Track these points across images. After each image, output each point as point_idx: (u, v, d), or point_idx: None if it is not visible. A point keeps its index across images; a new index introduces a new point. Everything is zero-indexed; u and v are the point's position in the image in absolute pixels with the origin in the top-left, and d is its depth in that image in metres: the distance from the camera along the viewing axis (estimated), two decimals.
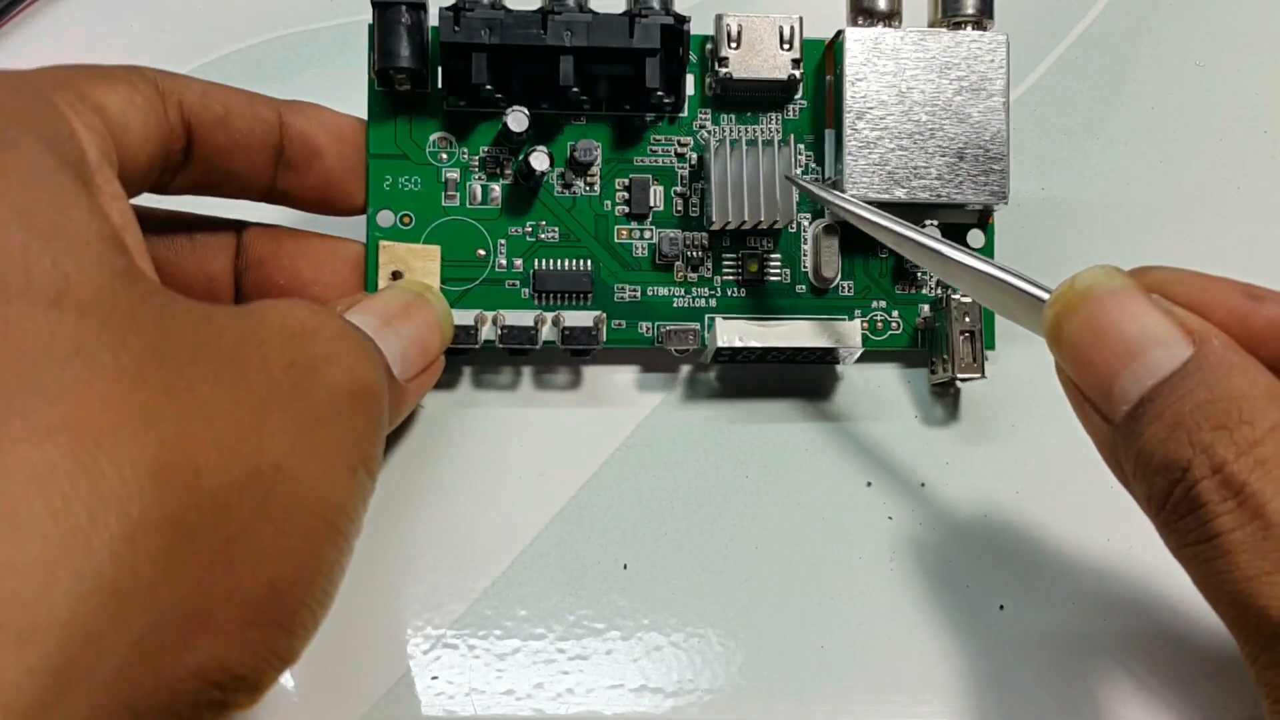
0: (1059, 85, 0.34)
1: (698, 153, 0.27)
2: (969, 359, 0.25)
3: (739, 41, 0.26)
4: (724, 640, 0.23)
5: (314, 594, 0.17)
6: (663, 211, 0.26)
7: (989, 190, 0.26)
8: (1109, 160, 0.32)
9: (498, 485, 0.25)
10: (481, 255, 0.26)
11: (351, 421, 0.18)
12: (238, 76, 0.32)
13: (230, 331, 0.17)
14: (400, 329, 0.22)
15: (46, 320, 0.14)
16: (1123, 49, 0.35)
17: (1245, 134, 0.33)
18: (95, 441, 0.14)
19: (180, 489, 0.15)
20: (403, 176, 0.26)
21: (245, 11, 0.33)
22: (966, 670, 0.23)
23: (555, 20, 0.25)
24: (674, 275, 0.26)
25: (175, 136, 0.21)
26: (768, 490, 0.25)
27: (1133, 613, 0.24)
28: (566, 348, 0.25)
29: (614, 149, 0.27)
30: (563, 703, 0.22)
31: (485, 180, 0.26)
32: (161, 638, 0.15)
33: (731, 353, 0.25)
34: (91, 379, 0.14)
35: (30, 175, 0.16)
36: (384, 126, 0.26)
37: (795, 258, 0.27)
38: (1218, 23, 0.36)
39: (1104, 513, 0.25)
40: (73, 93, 0.19)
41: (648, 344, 0.26)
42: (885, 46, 0.26)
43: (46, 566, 0.13)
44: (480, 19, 0.24)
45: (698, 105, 0.27)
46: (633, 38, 0.25)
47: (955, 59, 0.26)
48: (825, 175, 0.27)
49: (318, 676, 0.22)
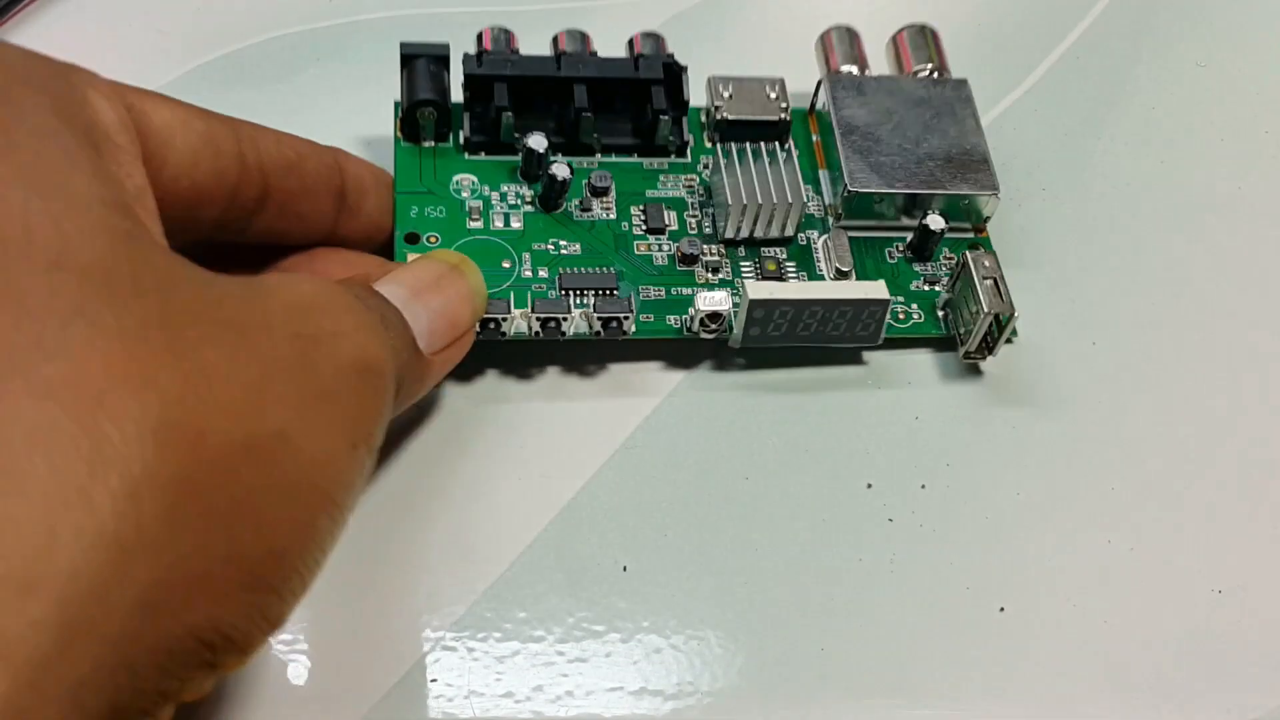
0: (1059, 85, 0.34)
1: (704, 186, 0.28)
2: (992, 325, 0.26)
3: (731, 93, 0.29)
4: (724, 642, 0.23)
5: (307, 562, 0.17)
6: (677, 230, 0.28)
7: (979, 184, 0.28)
8: (1109, 160, 0.32)
9: (497, 487, 0.25)
10: (507, 266, 0.26)
11: (356, 397, 0.18)
12: (238, 76, 0.32)
13: (236, 299, 0.17)
14: (430, 301, 0.22)
15: (48, 280, 0.14)
16: (1123, 49, 0.35)
17: (1246, 134, 0.33)
18: (96, 400, 0.14)
19: (183, 449, 0.15)
20: (428, 206, 0.27)
21: (244, 11, 0.33)
22: (967, 672, 0.23)
23: (567, 58, 0.28)
24: (695, 278, 0.27)
25: (251, 181, 0.22)
26: (768, 492, 0.25)
27: (1133, 614, 0.24)
28: (599, 315, 0.25)
29: (626, 188, 0.28)
30: (562, 705, 0.22)
31: (507, 210, 0.27)
32: (163, 595, 0.15)
33: (761, 330, 0.25)
34: (93, 338, 0.14)
35: (33, 134, 0.16)
36: (409, 172, 0.28)
37: (810, 264, 0.28)
38: (1218, 23, 0.35)
39: (1105, 514, 0.25)
40: (103, 83, 0.19)
41: (676, 334, 0.26)
42: (863, 85, 0.29)
43: (47, 521, 0.13)
44: (500, 58, 0.28)
45: (700, 151, 0.29)
46: (638, 71, 0.28)
47: (926, 97, 0.29)
48: (825, 203, 0.29)
49: (317, 678, 0.22)
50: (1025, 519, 0.25)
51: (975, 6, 0.35)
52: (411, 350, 0.21)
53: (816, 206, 0.29)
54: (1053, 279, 0.29)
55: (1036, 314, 0.28)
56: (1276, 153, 0.32)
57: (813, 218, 0.28)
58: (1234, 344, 0.28)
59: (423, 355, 0.22)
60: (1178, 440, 0.27)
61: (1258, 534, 0.25)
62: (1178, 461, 0.26)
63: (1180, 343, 0.28)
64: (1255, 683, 0.23)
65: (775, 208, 0.27)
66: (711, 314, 0.26)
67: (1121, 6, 0.35)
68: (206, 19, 0.33)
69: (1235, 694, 0.23)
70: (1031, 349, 0.28)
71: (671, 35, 0.30)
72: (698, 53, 0.30)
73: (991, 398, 0.27)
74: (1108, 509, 0.25)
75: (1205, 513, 0.26)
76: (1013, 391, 0.27)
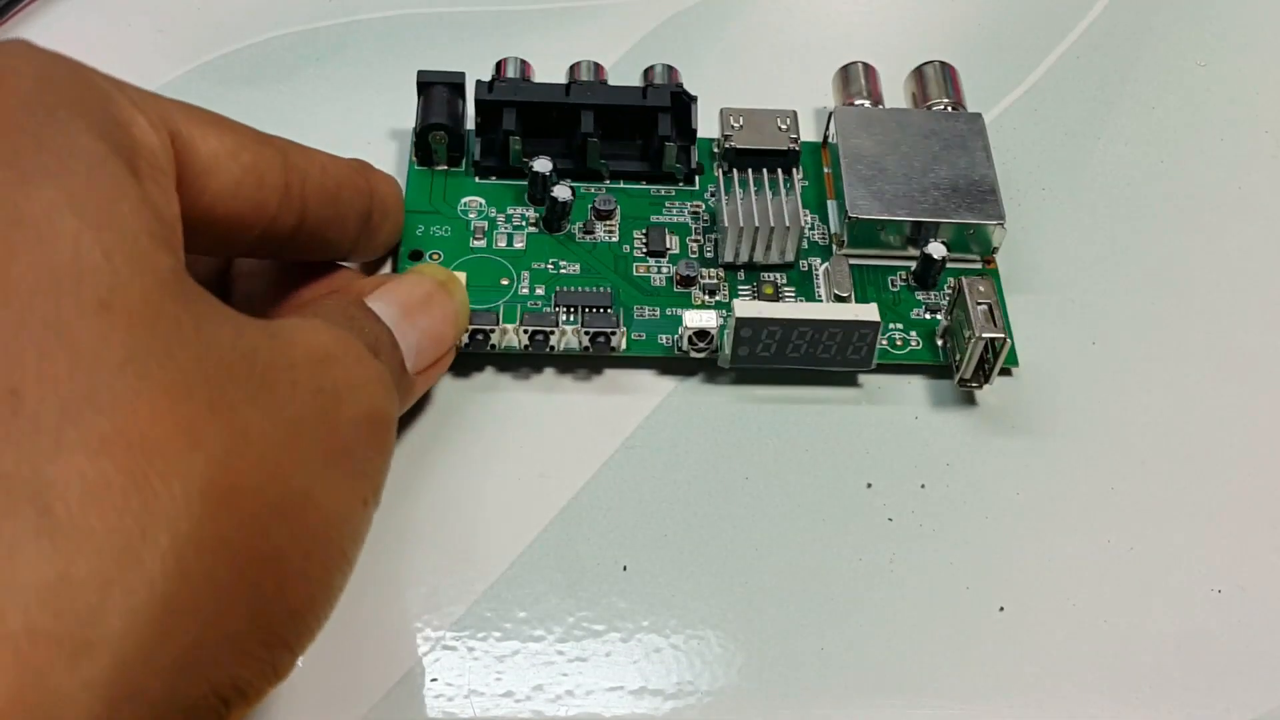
0: (1060, 85, 0.34)
1: (709, 213, 0.28)
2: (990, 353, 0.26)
3: (742, 124, 0.29)
4: (724, 642, 0.23)
5: (320, 618, 0.17)
6: (678, 254, 0.28)
7: (985, 213, 0.28)
8: (1110, 160, 0.32)
9: (497, 487, 0.25)
10: (505, 284, 0.27)
11: (367, 451, 0.18)
12: (238, 76, 0.32)
13: (264, 351, 0.17)
14: (419, 321, 0.22)
15: (99, 323, 0.14)
16: (1124, 48, 0.35)
17: (1246, 134, 0.33)
18: (147, 457, 0.14)
19: (226, 509, 0.15)
20: (435, 226, 0.28)
21: (244, 11, 0.33)
22: (967, 672, 0.23)
23: (577, 86, 0.29)
24: (692, 299, 0.27)
25: (291, 210, 0.21)
26: (767, 492, 0.25)
27: (1133, 614, 0.24)
28: (587, 330, 0.25)
29: (631, 213, 0.29)
30: (562, 705, 0.22)
31: (511, 230, 0.28)
32: (199, 655, 0.15)
33: (750, 350, 0.25)
34: (142, 390, 0.14)
35: (82, 159, 0.16)
36: (420, 193, 0.29)
37: (809, 290, 0.28)
38: (1219, 22, 0.35)
39: (1105, 514, 0.25)
40: (149, 102, 0.18)
41: (666, 353, 0.26)
42: (873, 116, 0.29)
43: (101, 581, 0.13)
44: (511, 84, 0.29)
45: (709, 180, 0.29)
46: (646, 99, 0.28)
47: (936, 129, 0.29)
48: (831, 232, 0.29)
49: (317, 678, 0.22)
50: (1025, 519, 0.25)
51: (976, 6, 0.35)
52: (400, 371, 0.21)
53: (821, 235, 0.29)
54: (1052, 278, 0.29)
55: (1036, 313, 0.28)
56: (1277, 152, 0.32)
57: (817, 245, 0.28)
58: (1235, 343, 0.28)
59: (409, 374, 0.22)
60: (1178, 440, 0.27)
61: (1257, 534, 0.25)
62: (1178, 461, 0.26)
63: (1181, 341, 0.28)
64: (1255, 682, 0.23)
65: (774, 231, 0.27)
66: (699, 331, 0.26)
67: (1122, 6, 0.35)
68: (207, 18, 0.33)
69: (1235, 693, 0.23)
70: (1032, 348, 0.28)
71: (683, 64, 0.31)
72: (712, 83, 0.31)
73: (992, 399, 0.27)
74: (1107, 508, 0.25)
75: (1205, 512, 0.26)
76: (1013, 392, 0.27)
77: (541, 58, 0.31)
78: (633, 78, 0.31)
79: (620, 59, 0.33)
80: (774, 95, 0.31)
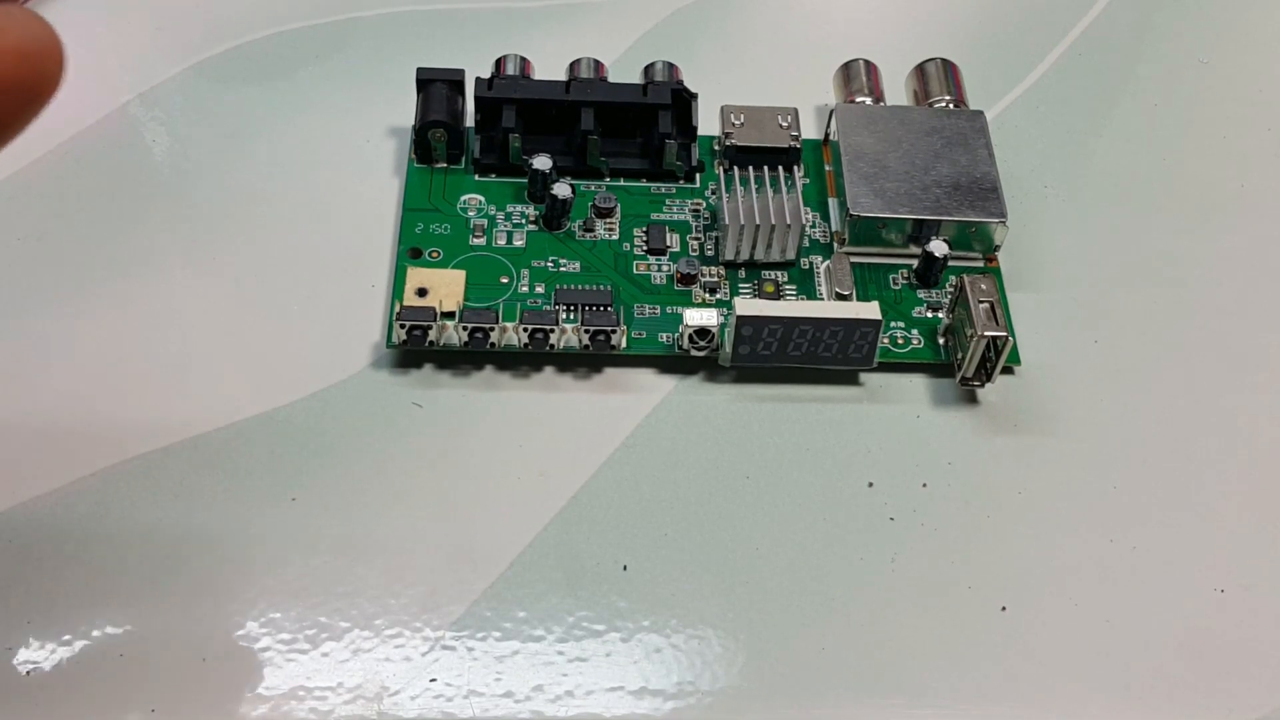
0: (1060, 83, 0.34)
1: (710, 211, 0.28)
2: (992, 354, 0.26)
3: (743, 121, 0.29)
4: (724, 642, 0.23)
5: None
6: (679, 252, 0.28)
7: (987, 211, 0.28)
8: (1112, 157, 0.32)
9: (496, 486, 0.25)
10: (505, 282, 0.27)
11: None
12: (237, 74, 0.31)
13: None
14: None
15: None
16: (1125, 46, 0.35)
17: (1249, 131, 0.33)
18: None
19: None
20: (434, 224, 0.28)
21: (243, 8, 0.33)
22: (969, 672, 0.23)
23: (576, 83, 0.29)
24: (692, 297, 0.27)
25: None
26: (768, 491, 0.25)
27: (1136, 613, 0.24)
28: (587, 328, 0.25)
29: (632, 211, 0.29)
30: (562, 705, 0.22)
31: (510, 228, 0.28)
32: None
33: (751, 349, 0.25)
34: None
35: None
36: (419, 190, 0.28)
37: (811, 288, 0.28)
38: (1221, 19, 0.35)
39: (1107, 513, 0.25)
40: None
41: (666, 351, 0.26)
42: (874, 114, 0.29)
43: None
44: (511, 82, 0.29)
45: (710, 178, 0.29)
46: (646, 96, 0.28)
47: (938, 127, 0.29)
48: (833, 230, 0.29)
49: (317, 678, 0.22)
50: (1027, 518, 0.25)
51: (977, 3, 0.35)
52: None
53: (822, 233, 0.29)
54: (1054, 276, 0.29)
55: (1039, 311, 0.28)
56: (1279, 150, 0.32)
57: (818, 243, 0.28)
58: (1236, 342, 0.28)
59: None
60: (1180, 439, 0.26)
61: (1260, 533, 0.25)
62: (1180, 460, 0.26)
63: (1184, 340, 0.28)
64: (1258, 682, 0.23)
65: (775, 229, 0.27)
66: (700, 330, 0.26)
67: (1124, 3, 0.35)
68: (205, 16, 0.33)
69: (1238, 693, 0.23)
70: (1034, 347, 0.28)
71: (684, 61, 0.31)
72: (714, 80, 0.30)
73: (993, 398, 0.27)
74: (1110, 508, 0.25)
75: (1208, 512, 0.25)
76: (1016, 389, 0.27)
77: (541, 55, 0.31)
78: (633, 75, 0.31)
79: (620, 56, 0.33)
80: (775, 92, 0.31)
